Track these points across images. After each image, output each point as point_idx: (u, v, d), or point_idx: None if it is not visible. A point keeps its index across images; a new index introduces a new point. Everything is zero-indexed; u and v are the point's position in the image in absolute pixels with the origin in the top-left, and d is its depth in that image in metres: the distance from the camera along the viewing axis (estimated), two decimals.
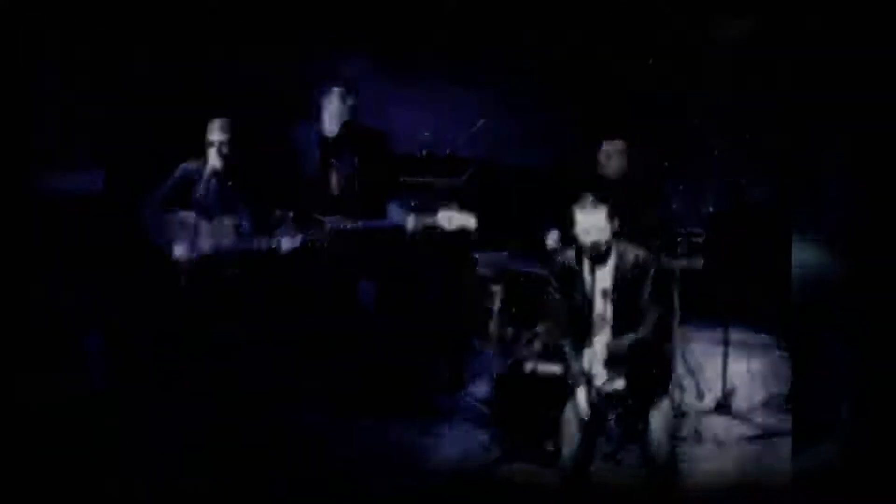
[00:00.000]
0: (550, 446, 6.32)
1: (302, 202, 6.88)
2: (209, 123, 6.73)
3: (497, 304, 7.12)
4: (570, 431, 5.53)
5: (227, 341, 6.66)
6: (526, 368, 6.58)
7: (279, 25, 7.87)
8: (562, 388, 5.70)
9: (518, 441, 6.55)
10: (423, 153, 7.97)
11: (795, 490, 5.85)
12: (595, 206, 5.40)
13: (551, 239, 6.87)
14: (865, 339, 5.65)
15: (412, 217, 6.75)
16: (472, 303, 7.47)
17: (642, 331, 5.41)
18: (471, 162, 7.92)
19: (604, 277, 5.47)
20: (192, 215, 6.64)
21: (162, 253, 6.67)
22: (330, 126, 6.97)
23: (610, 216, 5.42)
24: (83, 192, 7.23)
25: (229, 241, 6.68)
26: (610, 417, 5.58)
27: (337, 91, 6.91)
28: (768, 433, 6.84)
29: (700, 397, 7.18)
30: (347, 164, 6.98)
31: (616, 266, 5.47)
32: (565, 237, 5.80)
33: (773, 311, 7.38)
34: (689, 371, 7.27)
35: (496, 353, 7.05)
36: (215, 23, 7.66)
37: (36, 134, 7.02)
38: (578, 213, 5.40)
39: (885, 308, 5.58)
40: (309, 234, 6.70)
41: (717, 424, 6.92)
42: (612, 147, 6.94)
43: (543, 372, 6.53)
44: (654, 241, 6.76)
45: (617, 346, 5.37)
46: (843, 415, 5.71)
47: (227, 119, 6.72)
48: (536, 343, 6.72)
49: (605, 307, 5.43)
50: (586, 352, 5.46)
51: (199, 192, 6.62)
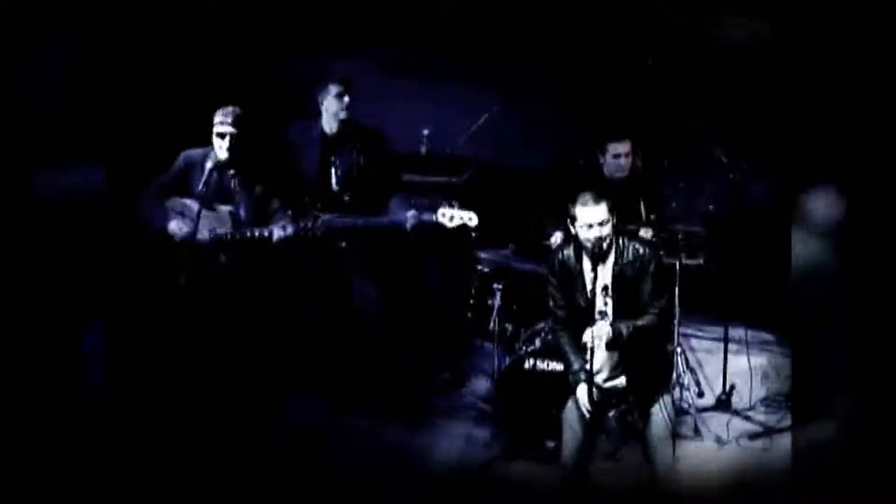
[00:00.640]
0: (551, 444, 6.33)
1: (302, 198, 6.89)
2: (219, 111, 6.67)
3: (498, 301, 7.13)
4: (571, 429, 5.54)
5: (225, 335, 6.65)
6: (526, 366, 6.58)
7: (279, 22, 7.87)
8: (562, 386, 5.71)
9: (518, 439, 6.55)
10: (424, 152, 7.97)
11: (795, 488, 5.87)
12: (596, 201, 5.40)
13: (555, 240, 6.88)
14: (865, 337, 5.66)
15: (411, 214, 6.75)
16: (472, 300, 7.48)
17: (643, 320, 5.41)
18: (471, 161, 7.93)
19: (604, 274, 5.47)
20: (192, 202, 6.61)
21: (159, 243, 6.65)
22: (329, 124, 6.99)
23: (611, 211, 5.42)
24: (82, 185, 7.22)
25: (225, 229, 6.66)
26: (610, 415, 5.59)
27: (334, 89, 6.91)
28: (768, 430, 6.85)
29: (700, 395, 7.19)
30: (347, 161, 6.99)
31: (616, 262, 5.47)
32: (566, 237, 5.80)
33: (774, 309, 7.37)
34: (690, 368, 7.27)
35: (497, 350, 7.06)
36: (216, 18, 7.66)
37: (35, 128, 7.01)
38: (580, 209, 5.40)
39: (885, 306, 5.60)
40: (301, 225, 6.68)
41: (718, 422, 6.93)
42: (620, 148, 6.95)
43: (544, 369, 6.54)
44: (654, 239, 6.80)
45: (616, 332, 5.35)
46: (842, 412, 5.73)
47: (237, 109, 6.68)
48: (537, 341, 6.72)
49: (605, 303, 5.44)
50: (587, 349, 5.47)
51: (201, 180, 6.57)
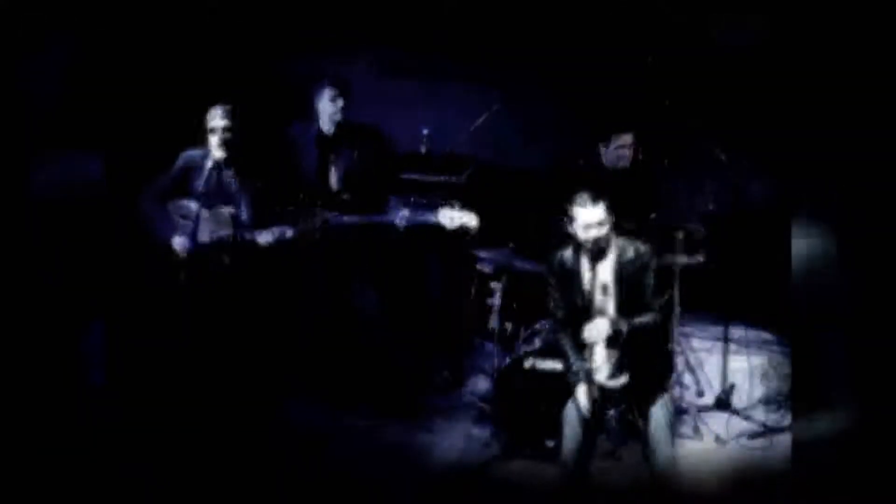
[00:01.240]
0: (551, 443, 6.34)
1: (301, 197, 6.89)
2: (210, 110, 6.69)
3: (497, 300, 7.13)
4: (571, 428, 5.54)
5: (225, 335, 6.66)
6: (526, 365, 6.59)
7: (278, 22, 7.87)
8: (562, 385, 5.71)
9: (518, 438, 6.55)
10: (424, 151, 7.97)
11: (795, 487, 5.87)
12: (594, 202, 5.40)
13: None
14: (865, 337, 5.66)
15: (405, 212, 6.76)
16: (472, 299, 7.48)
17: (641, 319, 5.41)
18: (471, 160, 7.93)
19: (603, 273, 5.47)
20: (193, 204, 6.61)
21: (161, 243, 6.65)
22: (326, 124, 7.00)
23: (609, 211, 5.42)
24: (82, 185, 7.22)
25: (226, 232, 6.66)
26: (610, 414, 5.60)
27: (328, 92, 6.93)
28: (768, 430, 6.85)
29: (700, 394, 7.19)
30: (346, 160, 6.99)
31: (616, 261, 5.47)
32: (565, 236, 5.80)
33: (773, 308, 7.38)
34: (690, 368, 7.28)
35: (496, 349, 7.06)
36: (216, 18, 7.66)
37: (35, 126, 7.01)
38: (577, 210, 5.40)
39: (885, 305, 5.60)
40: (298, 229, 6.68)
41: (717, 421, 6.93)
42: (622, 140, 6.97)
43: (543, 368, 6.54)
44: (654, 238, 6.81)
45: (614, 330, 5.35)
46: (842, 412, 5.73)
47: (228, 105, 6.70)
48: (537, 340, 6.72)
49: (605, 303, 5.44)
50: (586, 348, 5.47)
51: (200, 181, 6.59)
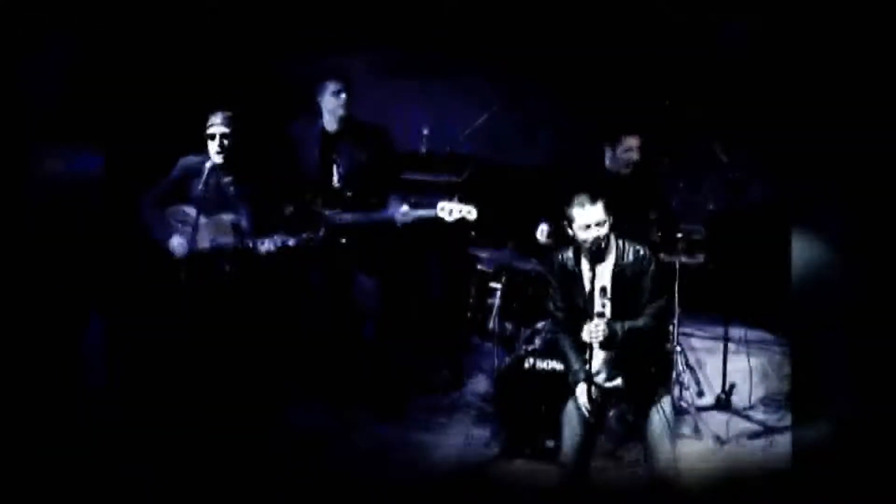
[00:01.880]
0: (550, 443, 6.34)
1: (303, 197, 6.90)
2: (210, 116, 6.70)
3: (497, 300, 7.14)
4: (571, 428, 5.54)
5: (224, 339, 6.66)
6: (526, 365, 6.59)
7: (278, 21, 7.87)
8: (562, 385, 5.71)
9: (518, 438, 6.56)
10: (424, 151, 7.98)
11: (795, 487, 5.87)
12: (592, 201, 5.40)
13: (541, 232, 6.87)
14: (864, 337, 5.66)
15: (404, 208, 6.77)
16: (472, 299, 7.48)
17: (640, 321, 5.41)
18: (471, 159, 7.93)
19: (603, 274, 5.47)
20: (192, 210, 6.61)
21: (160, 248, 6.65)
22: (329, 122, 7.00)
23: (607, 211, 5.41)
24: (82, 185, 7.22)
25: (226, 239, 6.66)
26: (610, 414, 5.59)
27: (331, 87, 6.93)
28: (768, 430, 6.86)
29: (700, 394, 7.20)
30: (348, 158, 7.00)
31: (616, 262, 5.47)
32: (559, 232, 5.80)
33: (773, 308, 7.38)
34: (689, 367, 7.28)
35: (496, 349, 7.07)
36: (216, 18, 7.66)
37: (34, 124, 7.01)
38: (576, 210, 5.40)
39: (884, 305, 5.60)
40: (299, 239, 6.67)
41: (717, 421, 6.94)
42: (632, 141, 6.98)
43: (543, 368, 6.54)
44: (654, 238, 6.81)
45: (612, 331, 5.35)
46: (842, 411, 5.73)
47: (228, 112, 6.69)
48: (537, 340, 6.73)
49: (603, 304, 5.43)
50: (586, 349, 5.47)
51: (199, 187, 6.57)
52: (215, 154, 6.63)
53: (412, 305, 7.79)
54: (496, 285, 7.18)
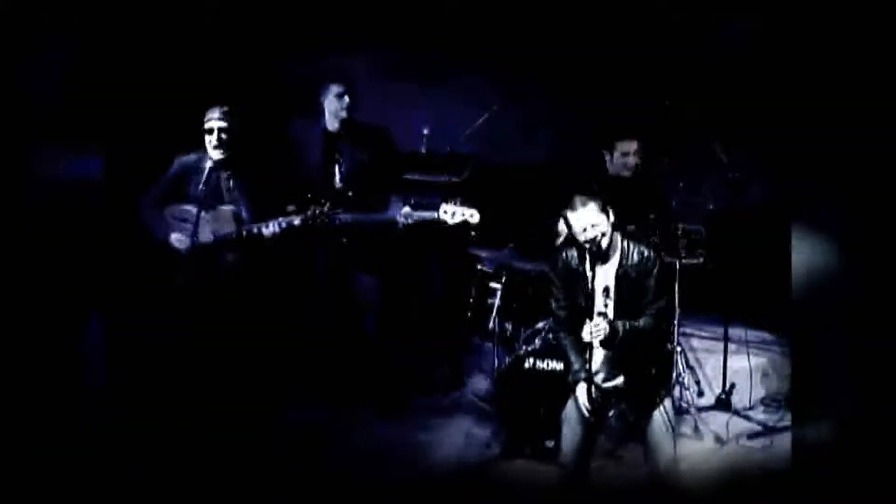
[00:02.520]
0: (551, 443, 6.34)
1: (305, 195, 6.90)
2: (207, 111, 6.69)
3: (497, 301, 7.13)
4: (571, 428, 5.55)
5: (227, 335, 6.66)
6: (526, 365, 6.59)
7: (279, 21, 7.87)
8: (562, 385, 5.71)
9: (518, 438, 6.56)
10: (424, 151, 7.98)
11: (795, 487, 5.87)
12: (584, 203, 5.41)
13: (557, 235, 6.89)
14: (865, 337, 5.66)
15: (406, 209, 6.77)
16: (472, 299, 7.48)
17: (640, 321, 5.41)
18: (471, 160, 7.93)
19: (606, 275, 5.47)
20: (193, 208, 6.59)
21: (160, 252, 6.65)
22: (331, 122, 7.01)
23: (603, 210, 5.42)
24: (81, 184, 7.22)
25: (228, 229, 6.66)
26: (610, 414, 5.59)
27: (335, 89, 6.94)
28: (768, 430, 6.85)
29: (700, 394, 7.20)
30: (350, 158, 7.00)
31: (620, 264, 5.47)
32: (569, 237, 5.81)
33: (773, 308, 7.37)
34: (689, 368, 7.28)
35: (496, 349, 7.06)
36: (217, 18, 7.66)
37: (34, 124, 7.00)
38: (570, 214, 5.42)
39: (885, 306, 5.60)
40: (304, 216, 6.66)
41: (718, 421, 6.94)
42: (628, 146, 6.98)
43: (543, 368, 6.54)
44: (654, 238, 6.81)
45: (612, 330, 5.35)
46: (842, 411, 5.73)
47: (225, 107, 6.69)
48: (537, 340, 6.72)
49: (606, 304, 5.44)
50: (587, 349, 5.47)
51: (199, 184, 6.56)
52: (213, 149, 6.61)
53: (412, 305, 7.79)
54: (496, 285, 7.18)
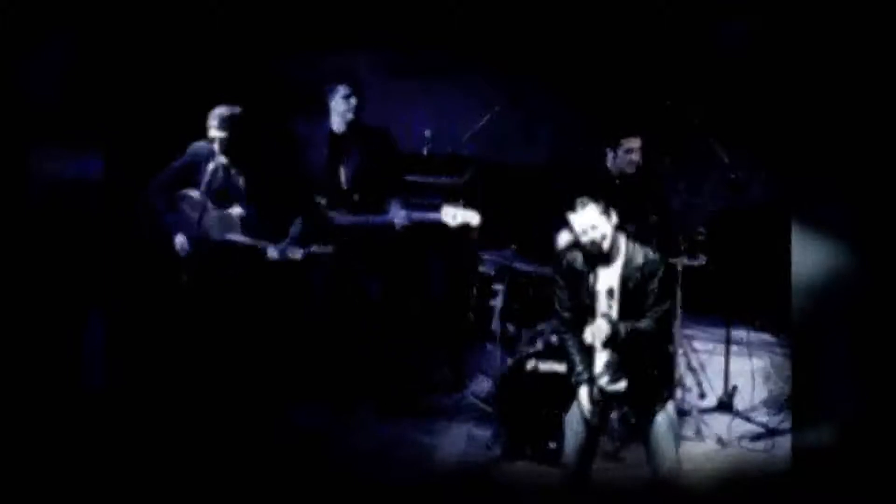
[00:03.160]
0: (553, 445, 6.33)
1: (311, 197, 6.91)
2: (209, 118, 6.69)
3: (499, 302, 7.13)
4: (573, 430, 5.54)
5: (227, 337, 6.66)
6: (528, 367, 6.58)
7: (282, 21, 7.87)
8: (564, 387, 5.70)
9: (520, 439, 6.55)
10: (426, 152, 7.97)
11: (796, 488, 5.86)
12: (584, 204, 5.41)
13: (562, 240, 6.88)
14: (865, 337, 5.65)
15: (403, 213, 6.77)
16: (474, 301, 7.47)
17: (642, 323, 5.40)
18: (473, 161, 7.93)
19: (609, 277, 5.46)
20: (201, 197, 6.61)
21: (162, 240, 6.65)
22: (337, 124, 7.02)
23: (604, 212, 5.41)
24: (82, 183, 7.22)
25: (235, 235, 6.67)
26: (612, 416, 5.58)
27: (342, 90, 6.95)
28: (770, 432, 6.84)
29: (702, 396, 7.19)
30: (356, 160, 7.01)
31: (624, 266, 5.46)
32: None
33: (775, 310, 7.37)
34: (692, 369, 7.27)
35: (498, 351, 7.06)
36: (217, 17, 7.66)
37: (34, 122, 7.01)
38: (572, 217, 5.42)
39: (886, 306, 5.59)
40: (309, 251, 6.68)
41: (720, 423, 6.93)
42: (632, 143, 6.98)
43: (546, 370, 6.53)
44: (655, 240, 6.80)
45: (614, 331, 5.34)
46: (842, 412, 5.72)
47: (225, 112, 6.68)
48: (539, 342, 6.72)
49: (609, 306, 5.43)
50: (590, 351, 5.46)
51: (208, 174, 6.60)
52: (220, 154, 6.65)
53: (414, 306, 7.78)
54: (498, 287, 7.17)
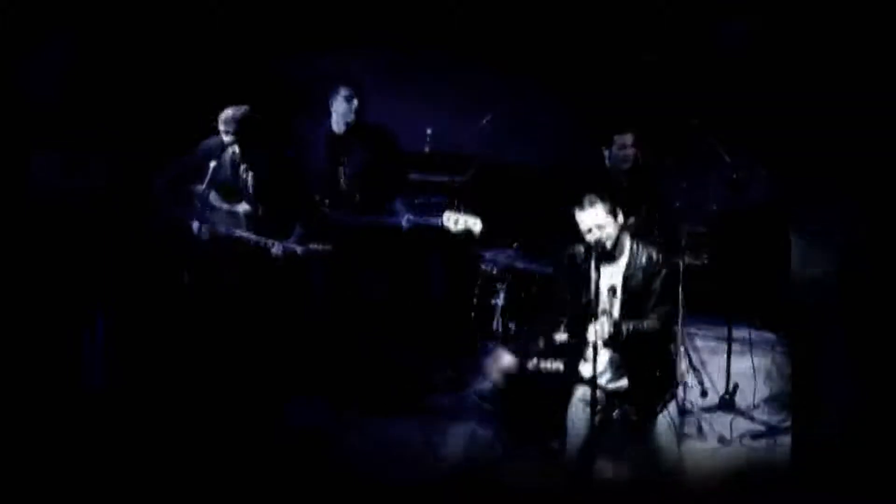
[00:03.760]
0: (554, 444, 6.34)
1: (312, 197, 6.92)
2: (220, 116, 6.71)
3: (501, 301, 7.13)
4: (575, 429, 5.55)
5: (228, 335, 6.68)
6: (530, 366, 6.59)
7: (280, 20, 7.88)
8: (566, 386, 5.71)
9: (522, 439, 6.56)
10: (427, 151, 7.99)
11: (797, 487, 5.87)
12: (592, 203, 5.42)
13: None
14: (865, 336, 5.66)
15: (409, 215, 6.79)
16: (476, 300, 7.48)
17: (645, 322, 5.42)
18: (474, 160, 7.93)
19: (613, 275, 5.48)
20: (209, 192, 6.65)
21: (169, 234, 6.68)
22: (338, 124, 7.03)
23: (611, 212, 5.42)
24: (82, 178, 7.24)
25: (240, 232, 6.70)
26: (614, 415, 5.59)
27: (343, 91, 6.96)
28: (772, 430, 6.85)
29: (704, 394, 7.19)
30: (357, 160, 7.02)
31: (628, 264, 5.48)
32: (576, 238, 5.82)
33: (776, 308, 7.38)
34: (693, 368, 7.28)
35: (500, 350, 7.06)
36: (218, 18, 7.67)
37: (36, 123, 7.03)
38: (578, 213, 5.43)
39: (885, 305, 5.60)
40: (308, 249, 6.69)
41: (721, 421, 6.94)
42: (623, 140, 7.00)
43: (547, 369, 6.54)
44: (659, 239, 6.81)
45: (616, 330, 5.35)
46: (842, 411, 5.73)
47: (236, 115, 6.70)
48: (540, 340, 6.72)
49: (611, 304, 5.45)
50: (591, 349, 5.47)
51: (216, 171, 6.64)
52: (228, 152, 6.70)
53: (415, 306, 7.79)
54: (500, 285, 7.18)
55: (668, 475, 5.57)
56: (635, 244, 5.52)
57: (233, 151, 6.73)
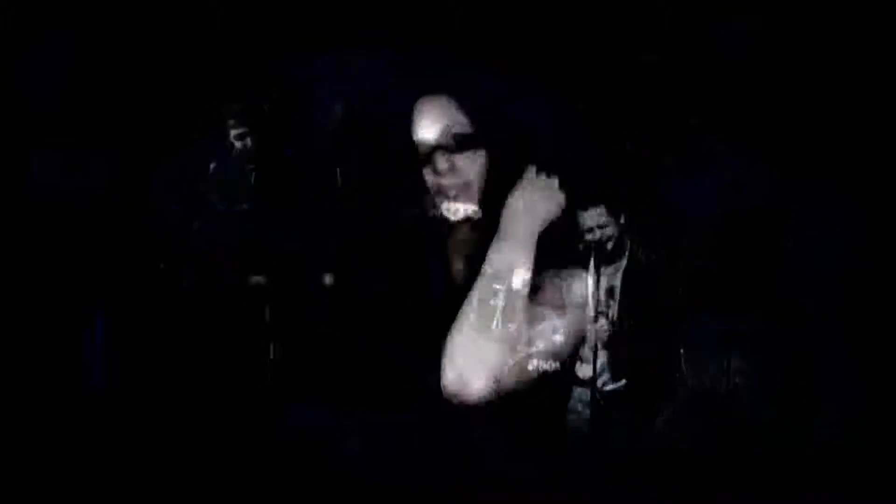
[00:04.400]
0: (554, 444, 6.34)
1: (310, 197, 6.93)
2: (230, 118, 6.73)
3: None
4: (574, 430, 5.55)
5: (228, 335, 6.68)
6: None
7: (281, 19, 7.88)
8: (566, 387, 5.72)
9: (521, 439, 6.56)
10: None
11: (797, 486, 5.88)
12: (594, 203, 5.43)
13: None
14: (866, 337, 5.67)
15: (406, 209, 6.81)
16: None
17: (647, 323, 5.43)
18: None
19: (612, 276, 5.48)
20: (212, 192, 6.65)
21: (170, 233, 6.68)
22: (337, 124, 7.03)
23: (612, 213, 5.43)
24: (82, 179, 7.24)
25: (244, 230, 6.72)
26: (613, 415, 5.60)
27: (343, 92, 6.97)
28: (771, 430, 6.85)
29: (704, 394, 7.19)
30: (356, 160, 7.03)
31: (627, 266, 5.49)
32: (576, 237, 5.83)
33: (777, 309, 7.37)
34: (692, 367, 7.27)
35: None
36: (216, 17, 7.68)
37: (35, 124, 7.03)
38: (580, 214, 5.44)
39: (886, 305, 5.61)
40: (309, 246, 6.72)
41: (721, 421, 6.94)
42: (620, 139, 7.01)
43: (547, 370, 6.55)
44: (655, 238, 6.81)
45: (616, 332, 5.37)
46: (844, 411, 5.74)
47: (241, 108, 6.72)
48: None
49: (609, 305, 5.45)
50: (590, 350, 5.48)
51: (218, 169, 6.64)
52: (231, 151, 6.70)
53: (415, 305, 7.78)
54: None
55: (668, 475, 5.57)
56: (636, 245, 5.53)
57: (234, 151, 6.74)
